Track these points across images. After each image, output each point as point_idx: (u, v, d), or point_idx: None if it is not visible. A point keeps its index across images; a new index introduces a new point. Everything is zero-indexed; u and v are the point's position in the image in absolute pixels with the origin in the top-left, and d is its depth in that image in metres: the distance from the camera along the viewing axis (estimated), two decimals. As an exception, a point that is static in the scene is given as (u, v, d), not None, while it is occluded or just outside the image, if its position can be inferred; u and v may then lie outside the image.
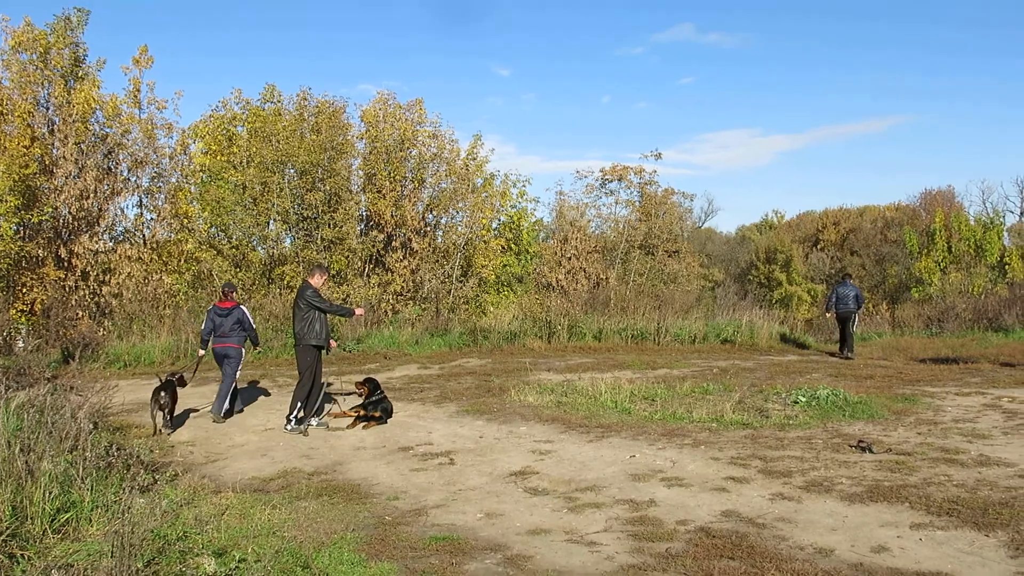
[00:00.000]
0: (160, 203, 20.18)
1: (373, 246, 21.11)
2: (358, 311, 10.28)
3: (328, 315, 9.64)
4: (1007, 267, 33.05)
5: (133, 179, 19.66)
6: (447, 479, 7.12)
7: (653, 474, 7.01)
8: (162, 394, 8.88)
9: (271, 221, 20.89)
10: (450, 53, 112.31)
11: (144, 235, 19.91)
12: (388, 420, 9.59)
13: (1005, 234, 40.80)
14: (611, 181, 28.47)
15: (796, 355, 16.33)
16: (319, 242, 20.34)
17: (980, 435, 8.18)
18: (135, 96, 19.69)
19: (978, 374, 12.46)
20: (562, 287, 24.86)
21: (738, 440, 8.22)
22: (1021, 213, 54.35)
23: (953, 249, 34.68)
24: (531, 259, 26.63)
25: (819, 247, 55.99)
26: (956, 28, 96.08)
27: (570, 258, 25.98)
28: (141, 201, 20.19)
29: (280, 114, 22.14)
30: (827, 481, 6.61)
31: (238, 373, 10.08)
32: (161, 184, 20.21)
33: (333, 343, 9.91)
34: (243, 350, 10.16)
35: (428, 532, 5.61)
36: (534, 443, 8.37)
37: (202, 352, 10.20)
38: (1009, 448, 7.58)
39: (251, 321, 10.22)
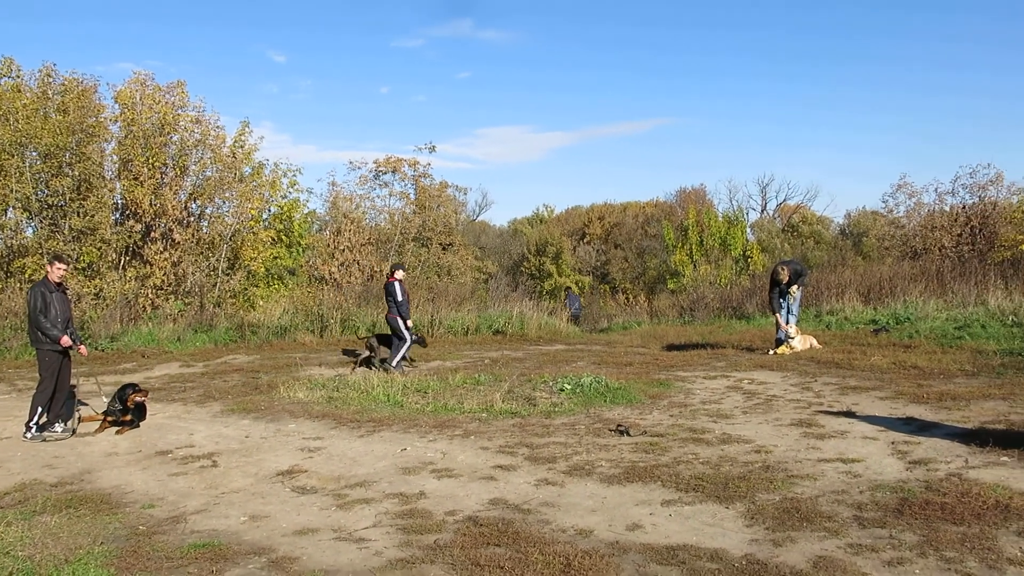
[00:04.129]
0: None
1: (129, 237, 19.70)
2: (63, 340, 8.73)
3: (71, 311, 8.88)
4: (749, 260, 36.20)
5: None
6: (209, 482, 6.79)
7: (424, 466, 7.05)
8: None
9: (9, 208, 18.95)
10: (221, 34, 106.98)
11: None
12: (141, 423, 8.99)
13: (748, 230, 44.67)
14: (385, 173, 28.40)
15: (563, 344, 17.02)
16: (67, 232, 18.70)
17: (724, 415, 8.89)
18: None
19: (724, 359, 13.54)
20: (335, 280, 24.48)
21: (507, 429, 8.44)
22: (762, 210, 59.70)
23: (704, 243, 37.49)
24: (303, 251, 25.97)
25: (586, 240, 58.72)
26: (711, 31, 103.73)
27: (344, 250, 25.63)
28: None
29: (20, 90, 20.08)
30: (588, 465, 6.93)
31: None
32: None
33: (82, 348, 9.09)
34: None
35: (187, 540, 5.32)
36: (303, 441, 8.17)
37: None
38: (748, 426, 8.29)
39: None
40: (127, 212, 20.35)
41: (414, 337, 13.69)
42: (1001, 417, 8.06)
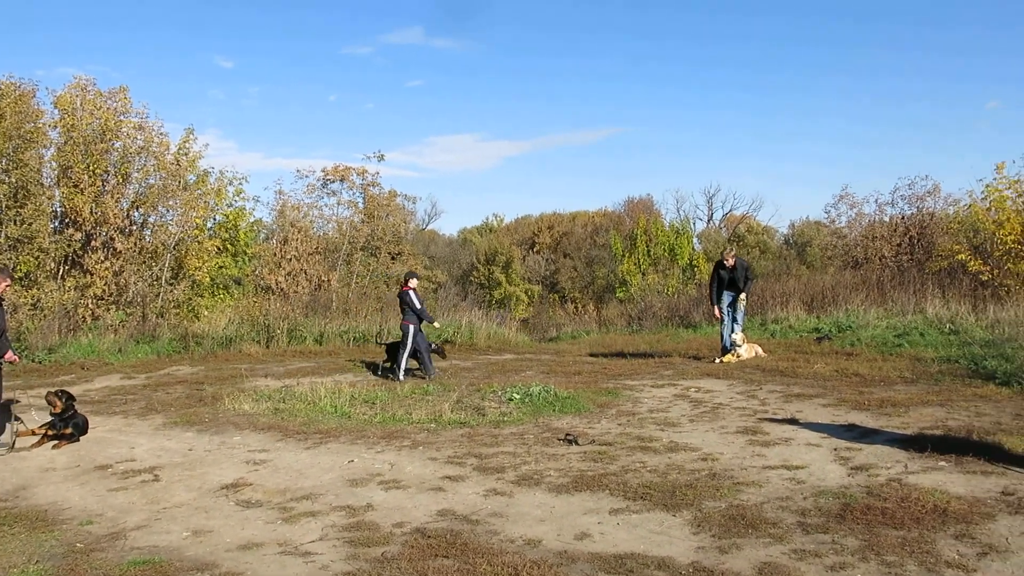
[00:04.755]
0: None
1: (69, 246, 19.21)
2: (8, 356, 8.93)
3: (6, 322, 8.63)
4: (696, 269, 36.68)
5: None
6: (151, 497, 6.64)
7: (371, 478, 6.99)
8: None
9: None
10: (166, 39, 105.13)
11: None
12: (81, 437, 8.76)
13: (695, 239, 45.30)
14: (333, 181, 28.11)
15: (512, 354, 17.03)
16: (3, 240, 18.16)
17: (671, 423, 8.97)
18: None
19: (671, 367, 13.66)
20: (282, 289, 24.16)
21: (455, 439, 8.41)
22: (708, 220, 60.54)
23: (651, 253, 37.88)
24: (249, 260, 25.61)
25: (535, 250, 58.95)
26: (659, 41, 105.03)
27: (291, 259, 25.30)
28: None
29: (-48, 95, 19.49)
30: (537, 474, 6.93)
31: None
32: None
33: (14, 356, 8.83)
34: None
35: (127, 557, 5.19)
36: (248, 453, 8.04)
37: None
38: (694, 434, 8.38)
39: None
40: (66, 220, 19.84)
41: (433, 346, 13.84)
42: (939, 423, 8.26)
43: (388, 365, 13.61)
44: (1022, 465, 6.56)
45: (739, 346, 13.90)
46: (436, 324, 13.05)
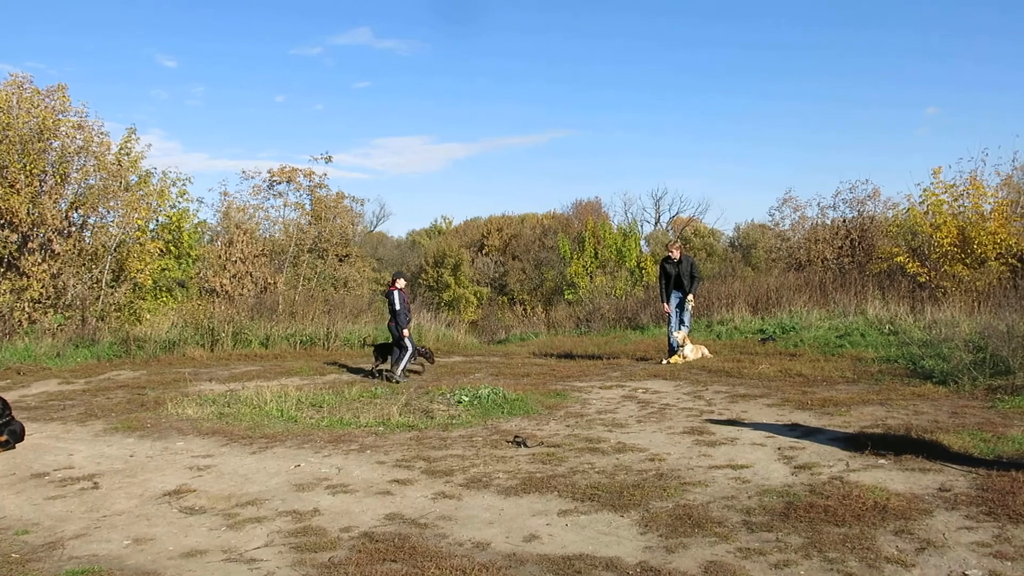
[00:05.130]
0: None
1: (4, 247, 18.68)
2: None
3: None
4: (643, 271, 37.01)
5: None
6: (90, 505, 6.47)
7: (318, 482, 6.91)
8: None
9: None
10: (107, 37, 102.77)
11: None
12: (17, 444, 8.51)
13: (642, 241, 45.73)
14: (280, 183, 27.80)
15: (461, 356, 17.00)
16: (-66, 242, 17.61)
17: (619, 424, 9.03)
18: None
19: (619, 368, 13.76)
20: (227, 292, 23.80)
21: (404, 442, 8.36)
22: (656, 223, 61.16)
23: (599, 255, 38.12)
24: (193, 263, 25.18)
25: (484, 252, 58.96)
26: (607, 41, 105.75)
27: (236, 262, 24.94)
28: None
29: None
30: (486, 477, 6.92)
31: None
32: None
33: None
34: None
35: (64, 566, 5.05)
36: (192, 459, 7.89)
37: None
38: (642, 435, 8.44)
39: None
40: (2, 222, 19.29)
41: (420, 349, 13.74)
42: (879, 422, 8.45)
43: (379, 367, 13.48)
44: (958, 462, 6.74)
45: (683, 347, 14.06)
46: (405, 332, 12.97)
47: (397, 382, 12.43)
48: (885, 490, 6.02)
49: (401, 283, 13.34)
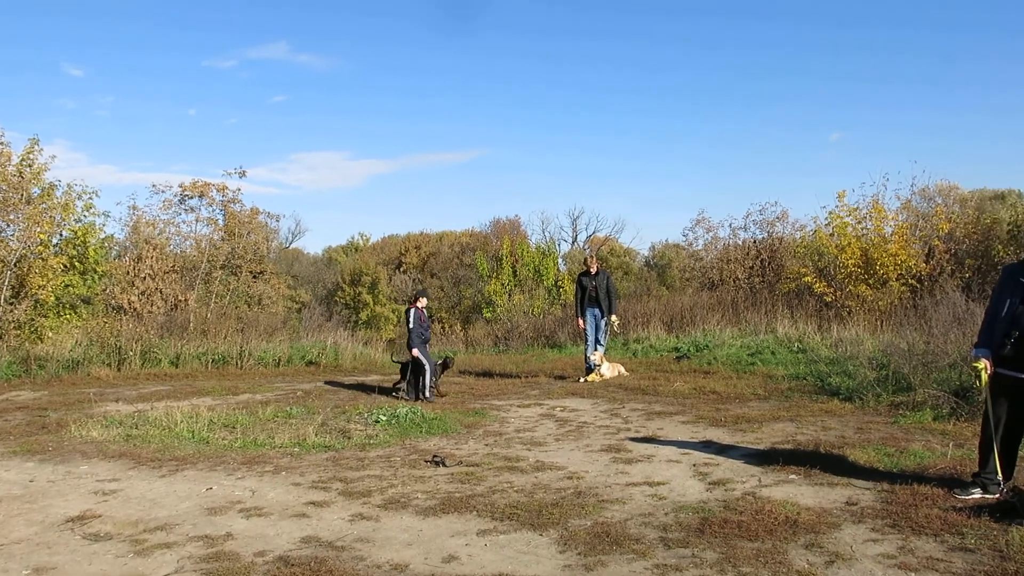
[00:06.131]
0: None
1: None
2: None
3: None
4: (561, 290, 37.29)
5: None
6: (-14, 533, 6.16)
7: (231, 506, 6.73)
8: None
9: None
10: (8, 44, 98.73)
11: None
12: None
13: (560, 260, 46.12)
14: (191, 197, 27.06)
15: (379, 375, 16.82)
16: None
17: (537, 443, 9.06)
18: None
19: (537, 387, 13.83)
20: (135, 309, 23.05)
21: (320, 463, 8.22)
22: (573, 241, 61.78)
23: (518, 273, 38.29)
24: (100, 279, 24.29)
25: (402, 269, 58.58)
26: (523, 61, 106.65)
27: (145, 278, 24.19)
28: None
29: None
30: (404, 497, 6.85)
31: None
32: None
33: None
34: None
35: (-43, 599, 4.80)
36: (97, 483, 7.59)
37: None
38: (560, 453, 8.49)
39: None
40: None
41: (441, 361, 13.52)
42: (789, 438, 8.69)
43: (401, 385, 13.02)
44: (864, 476, 6.98)
45: (599, 366, 14.22)
46: (413, 351, 12.61)
47: (429, 400, 12.29)
48: (796, 505, 6.19)
49: (422, 302, 13.14)
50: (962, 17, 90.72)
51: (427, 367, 12.59)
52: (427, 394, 12.48)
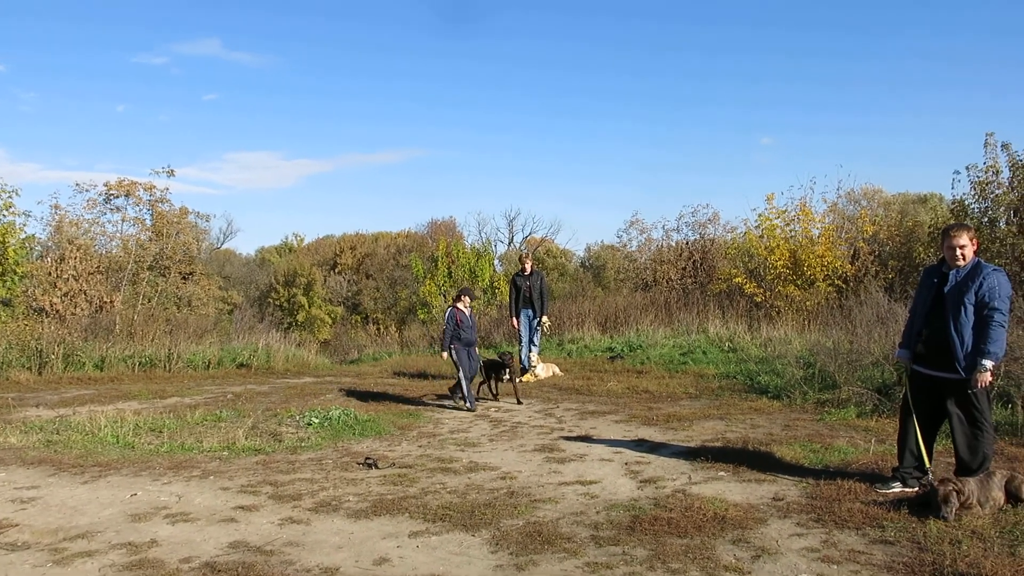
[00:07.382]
0: None
1: None
2: None
3: None
4: (497, 291, 37.32)
5: None
6: None
7: (156, 512, 6.56)
8: None
9: None
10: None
11: None
12: None
13: (496, 262, 46.16)
14: (117, 196, 26.38)
15: (312, 377, 16.62)
16: None
17: (471, 444, 9.05)
18: None
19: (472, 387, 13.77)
20: (58, 312, 22.35)
21: (250, 467, 8.08)
22: (509, 243, 61.87)
23: (453, 274, 38.19)
24: (20, 280, 23.50)
25: (337, 270, 58.00)
26: (459, 61, 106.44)
27: (68, 279, 23.48)
28: None
29: None
30: (335, 500, 6.78)
31: None
32: None
33: None
34: None
35: None
36: (15, 491, 7.33)
37: None
38: (494, 454, 8.50)
39: None
40: None
41: (499, 358, 12.59)
42: (719, 435, 8.84)
43: (482, 384, 12.61)
44: (791, 472, 7.14)
45: (535, 367, 14.27)
46: (443, 354, 12.05)
47: (471, 410, 11.42)
48: (724, 501, 6.30)
49: (464, 302, 12.11)
50: (883, 17, 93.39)
51: (460, 373, 11.73)
52: (465, 403, 11.57)
